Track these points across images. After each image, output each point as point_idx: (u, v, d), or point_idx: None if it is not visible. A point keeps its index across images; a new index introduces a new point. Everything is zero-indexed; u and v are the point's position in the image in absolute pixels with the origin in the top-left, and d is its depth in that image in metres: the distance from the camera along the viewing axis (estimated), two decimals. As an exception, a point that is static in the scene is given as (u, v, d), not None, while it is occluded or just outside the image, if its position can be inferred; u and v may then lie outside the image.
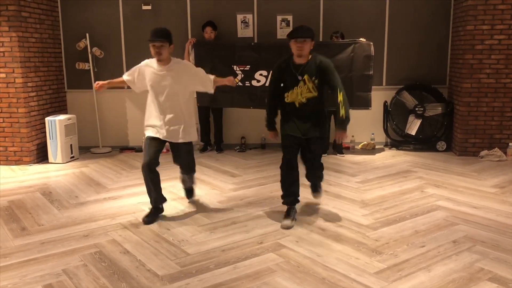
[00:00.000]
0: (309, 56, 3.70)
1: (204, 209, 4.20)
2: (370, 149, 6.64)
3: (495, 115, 6.10)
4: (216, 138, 6.61)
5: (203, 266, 3.08)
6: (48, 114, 6.31)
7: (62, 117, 6.10)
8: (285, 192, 3.87)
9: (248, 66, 6.20)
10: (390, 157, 6.19)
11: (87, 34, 6.53)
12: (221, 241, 3.48)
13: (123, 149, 6.75)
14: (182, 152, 4.08)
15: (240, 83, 6.25)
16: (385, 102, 6.62)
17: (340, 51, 6.03)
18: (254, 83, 6.21)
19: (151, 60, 3.93)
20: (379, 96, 6.62)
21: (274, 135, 3.99)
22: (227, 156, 6.33)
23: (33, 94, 6.04)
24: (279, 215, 3.98)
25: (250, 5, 6.64)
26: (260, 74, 6.18)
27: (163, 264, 3.12)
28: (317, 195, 4.22)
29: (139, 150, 3.98)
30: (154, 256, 3.25)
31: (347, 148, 6.63)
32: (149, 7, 6.58)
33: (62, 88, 6.80)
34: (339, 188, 4.78)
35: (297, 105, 3.74)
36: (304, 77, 3.67)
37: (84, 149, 6.72)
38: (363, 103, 6.08)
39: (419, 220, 3.86)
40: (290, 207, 3.89)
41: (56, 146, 6.04)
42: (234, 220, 3.91)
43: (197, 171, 5.45)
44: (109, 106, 6.82)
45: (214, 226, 3.78)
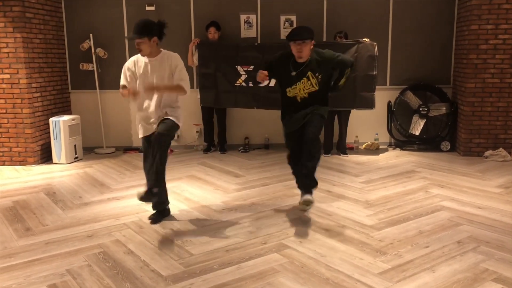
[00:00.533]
0: (310, 54, 3.75)
1: (208, 210, 4.19)
2: (374, 149, 6.63)
3: (500, 115, 6.08)
4: (220, 139, 6.61)
5: (207, 267, 3.08)
6: (52, 115, 6.32)
7: (66, 118, 6.11)
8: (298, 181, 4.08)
9: (252, 67, 6.20)
10: (394, 157, 6.18)
11: (91, 35, 6.55)
12: (225, 242, 3.48)
13: (127, 150, 6.76)
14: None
15: (244, 84, 6.26)
16: (389, 102, 6.60)
17: (344, 51, 6.00)
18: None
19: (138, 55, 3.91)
20: (383, 96, 6.60)
21: (265, 74, 3.81)
22: (231, 157, 6.33)
23: (37, 95, 6.06)
24: (283, 215, 3.99)
25: (254, 5, 6.63)
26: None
27: (167, 265, 3.13)
28: (307, 199, 3.70)
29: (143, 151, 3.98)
30: (158, 257, 3.25)
31: (351, 149, 6.62)
32: (153, 8, 6.59)
33: (66, 89, 6.82)
34: (343, 189, 4.77)
35: (299, 100, 3.82)
36: (308, 74, 3.73)
37: (88, 150, 6.73)
38: (367, 103, 6.07)
39: (423, 221, 3.85)
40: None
41: (60, 147, 6.05)
42: (238, 221, 3.91)
43: (201, 171, 5.51)
44: (113, 107, 6.83)
45: (218, 227, 3.78)
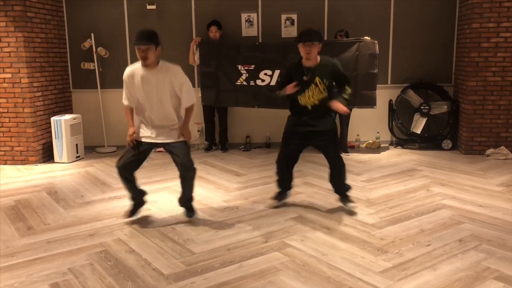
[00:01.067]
0: (318, 59, 3.81)
1: (209, 208, 4.20)
2: (375, 148, 6.62)
3: (501, 113, 6.07)
4: (221, 137, 6.61)
5: (208, 265, 3.09)
6: (54, 114, 6.33)
7: (68, 117, 6.12)
8: (279, 180, 4.21)
9: (253, 66, 6.20)
10: (396, 156, 6.17)
11: (92, 34, 6.55)
12: (226, 240, 3.48)
13: (128, 149, 6.76)
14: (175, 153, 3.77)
15: (245, 83, 6.26)
16: (390, 101, 6.59)
17: (345, 50, 6.02)
18: (259, 83, 6.20)
19: (133, 65, 3.67)
20: (384, 95, 6.60)
21: (290, 86, 3.81)
22: (232, 155, 6.33)
23: (39, 94, 6.07)
24: (284, 214, 3.99)
25: (255, 4, 6.63)
26: (265, 74, 6.18)
27: (169, 263, 3.13)
28: (346, 201, 4.08)
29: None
30: (160, 255, 3.25)
31: (352, 147, 6.62)
32: (154, 7, 6.59)
33: (68, 88, 6.82)
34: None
35: (310, 108, 3.85)
36: (316, 80, 3.77)
37: (90, 149, 6.74)
38: (368, 102, 6.07)
39: (425, 219, 3.85)
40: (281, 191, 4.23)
41: (62, 146, 6.06)
42: (239, 219, 3.92)
43: (202, 171, 5.51)
44: (114, 106, 6.83)
45: (219, 225, 3.79)
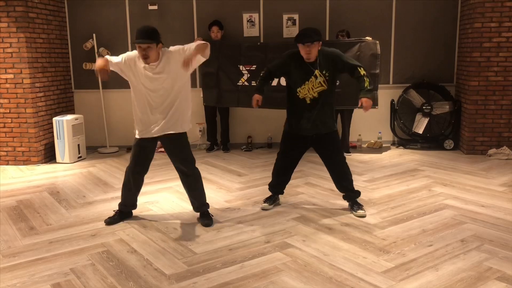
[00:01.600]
0: (317, 53, 3.80)
1: (211, 209, 4.18)
2: (377, 148, 6.62)
3: (504, 113, 6.05)
4: (223, 138, 6.62)
5: (210, 265, 3.09)
6: (56, 114, 6.34)
7: (70, 117, 6.13)
8: (273, 183, 4.24)
9: (254, 66, 6.20)
10: (397, 156, 6.16)
11: (94, 35, 6.56)
12: (228, 240, 3.48)
13: (130, 149, 6.75)
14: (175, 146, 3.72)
15: (247, 83, 6.26)
16: (392, 101, 6.59)
17: (346, 50, 5.99)
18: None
19: (137, 55, 3.54)
20: (386, 95, 6.59)
21: (258, 99, 3.93)
22: (234, 156, 6.33)
23: (41, 95, 6.08)
24: (286, 214, 3.99)
25: (256, 4, 6.63)
26: (267, 74, 6.18)
27: (171, 263, 3.13)
28: (358, 210, 3.95)
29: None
30: (162, 255, 3.26)
31: (354, 147, 6.61)
32: (155, 7, 6.60)
33: (70, 88, 6.83)
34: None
35: (308, 101, 3.84)
36: (315, 72, 3.77)
37: (92, 149, 6.75)
38: (370, 102, 6.06)
39: (427, 219, 3.84)
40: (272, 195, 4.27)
41: (64, 146, 6.07)
42: (241, 219, 3.92)
43: (204, 171, 5.49)
44: (116, 106, 6.84)
45: (221, 225, 3.79)
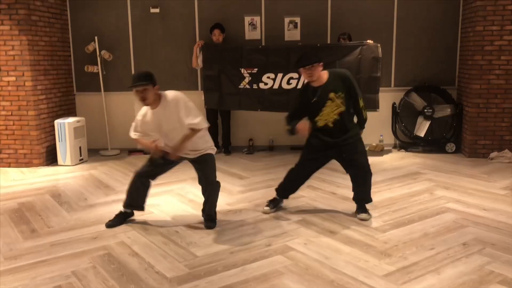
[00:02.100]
0: (326, 75, 3.79)
1: (212, 211, 4.20)
2: (379, 151, 6.61)
3: (505, 117, 6.05)
4: (224, 140, 6.62)
5: (212, 268, 3.09)
6: (58, 117, 6.35)
7: (71, 120, 6.14)
8: (283, 186, 4.18)
9: (256, 69, 6.20)
10: (399, 159, 6.16)
11: (96, 37, 6.57)
12: (229, 243, 3.48)
13: (132, 151, 6.77)
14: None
15: (248, 86, 6.27)
16: (394, 104, 6.59)
17: (348, 53, 6.02)
18: (262, 86, 6.21)
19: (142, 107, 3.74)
20: (388, 98, 6.59)
21: (303, 127, 3.80)
22: (235, 158, 6.33)
23: (43, 97, 6.09)
24: (288, 217, 3.99)
25: (258, 7, 6.64)
26: (268, 77, 6.18)
27: (172, 266, 3.13)
28: (362, 213, 3.99)
29: (148, 153, 3.97)
30: (163, 258, 3.26)
31: (355, 150, 6.61)
32: (157, 10, 6.61)
33: (71, 91, 6.85)
34: (348, 190, 4.73)
35: (331, 125, 3.81)
36: (331, 96, 3.74)
37: (93, 152, 6.75)
38: (371, 105, 6.05)
39: (429, 223, 3.84)
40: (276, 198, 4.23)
41: (65, 149, 6.07)
42: (242, 222, 3.91)
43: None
44: (118, 109, 6.85)
45: (222, 228, 3.78)
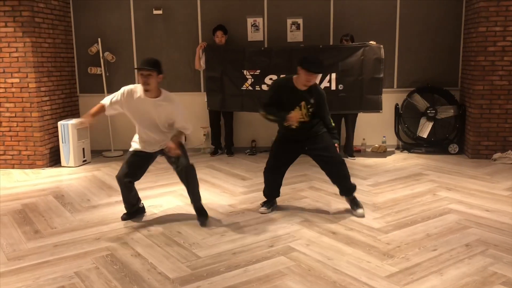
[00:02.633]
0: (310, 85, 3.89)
1: (215, 212, 4.20)
2: (382, 152, 6.61)
3: (508, 118, 6.03)
4: (227, 142, 6.63)
5: (214, 269, 3.09)
6: (61, 118, 6.37)
7: (75, 121, 6.16)
8: (266, 190, 4.29)
9: (258, 71, 6.21)
10: (402, 160, 6.15)
11: (99, 39, 6.60)
12: (232, 244, 3.49)
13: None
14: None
15: (251, 87, 6.27)
16: (397, 105, 6.58)
17: (350, 54, 6.02)
18: (264, 88, 6.20)
19: (136, 86, 3.78)
20: (391, 99, 6.59)
21: (294, 116, 3.84)
22: (238, 159, 6.34)
23: (46, 99, 6.11)
24: (290, 218, 3.99)
25: (260, 9, 6.65)
26: (270, 79, 6.18)
27: (174, 267, 3.14)
28: (356, 208, 4.03)
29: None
30: (165, 259, 3.26)
31: (358, 151, 6.61)
32: (160, 12, 6.63)
33: (75, 93, 6.87)
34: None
35: (294, 127, 3.93)
36: (301, 104, 3.85)
37: (96, 153, 6.77)
38: (374, 106, 6.06)
39: (431, 224, 3.83)
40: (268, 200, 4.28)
41: (69, 150, 6.09)
42: (245, 223, 3.92)
43: (208, 174, 5.51)
44: (121, 110, 6.86)
45: (225, 229, 3.79)
